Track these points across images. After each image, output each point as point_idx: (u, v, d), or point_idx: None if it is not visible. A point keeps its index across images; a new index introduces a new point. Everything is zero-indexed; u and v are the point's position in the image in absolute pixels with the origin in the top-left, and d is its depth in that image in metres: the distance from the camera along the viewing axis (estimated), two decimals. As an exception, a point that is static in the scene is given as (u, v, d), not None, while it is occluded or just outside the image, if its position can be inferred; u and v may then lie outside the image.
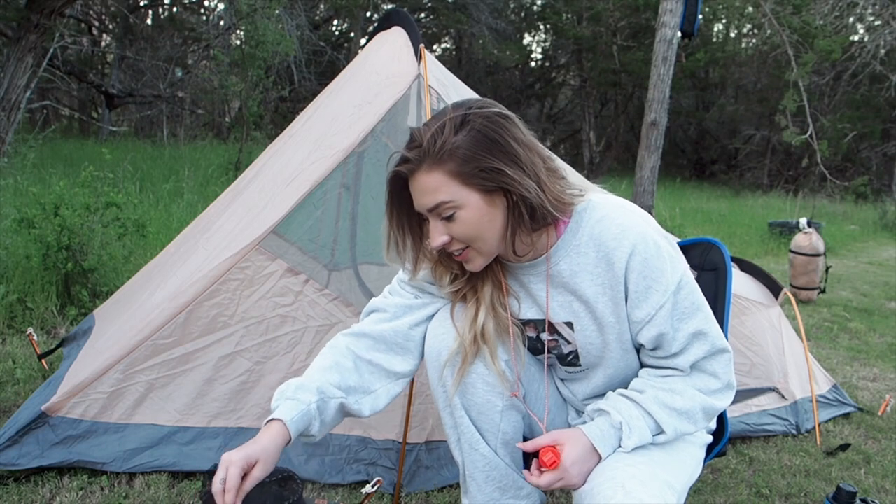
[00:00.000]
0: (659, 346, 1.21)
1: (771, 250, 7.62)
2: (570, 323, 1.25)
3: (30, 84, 6.02)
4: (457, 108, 1.12)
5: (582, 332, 1.24)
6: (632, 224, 1.16)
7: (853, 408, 2.82)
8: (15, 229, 3.38)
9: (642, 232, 1.16)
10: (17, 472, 1.81)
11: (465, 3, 16.27)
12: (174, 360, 1.95)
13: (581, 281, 1.20)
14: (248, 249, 2.00)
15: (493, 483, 1.33)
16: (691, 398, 1.19)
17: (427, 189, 1.11)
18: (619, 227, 1.16)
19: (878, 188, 15.39)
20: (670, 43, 6.75)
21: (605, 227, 1.17)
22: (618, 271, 1.16)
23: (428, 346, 1.31)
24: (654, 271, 1.15)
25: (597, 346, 1.25)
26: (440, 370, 1.29)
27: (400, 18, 2.48)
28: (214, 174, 7.68)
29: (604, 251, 1.17)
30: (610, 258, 1.16)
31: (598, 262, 1.18)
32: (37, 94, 10.37)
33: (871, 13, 13.01)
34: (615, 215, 1.17)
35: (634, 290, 1.17)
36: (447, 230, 1.14)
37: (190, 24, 14.34)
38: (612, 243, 1.16)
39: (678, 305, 1.17)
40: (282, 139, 2.76)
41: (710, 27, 19.53)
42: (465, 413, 1.30)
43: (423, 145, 1.10)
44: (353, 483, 1.92)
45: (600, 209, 1.18)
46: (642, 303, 1.17)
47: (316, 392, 1.21)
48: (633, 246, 1.14)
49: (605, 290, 1.19)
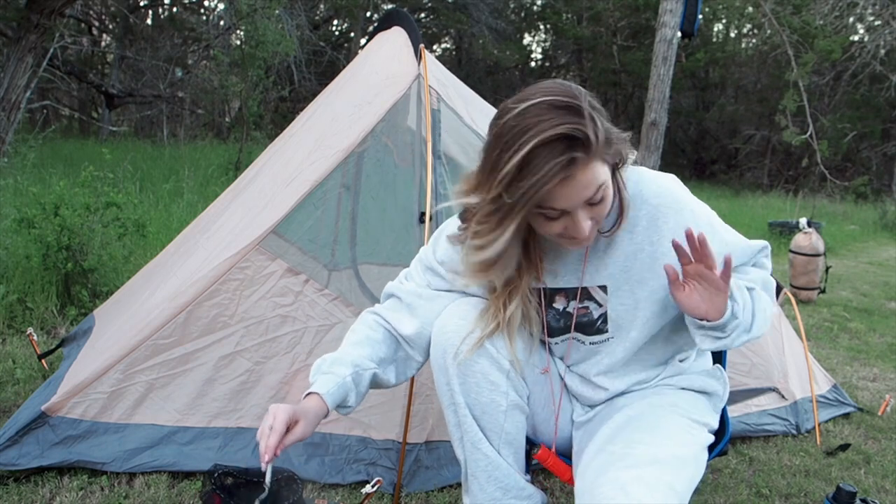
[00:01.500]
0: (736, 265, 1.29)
1: (771, 250, 7.62)
2: (604, 286, 1.27)
3: (30, 84, 6.03)
4: (575, 96, 1.05)
5: (615, 294, 1.26)
6: (666, 182, 1.24)
7: (853, 408, 2.82)
8: (15, 229, 3.38)
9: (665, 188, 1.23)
10: (17, 472, 1.81)
11: (465, 3, 16.27)
12: (174, 360, 1.95)
13: (620, 240, 1.23)
14: (248, 249, 2.00)
15: (495, 483, 1.33)
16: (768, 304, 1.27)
17: (591, 181, 1.06)
18: (657, 185, 1.23)
19: (878, 188, 15.40)
20: (670, 43, 6.75)
21: (644, 187, 1.22)
22: (664, 230, 1.21)
23: (434, 342, 1.30)
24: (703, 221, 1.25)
25: (628, 306, 1.27)
26: (444, 368, 1.28)
27: (400, 18, 2.48)
28: (214, 174, 7.68)
29: (646, 209, 1.22)
30: (653, 214, 1.22)
31: (639, 219, 1.22)
32: (37, 94, 10.37)
33: (871, 13, 13.01)
34: (649, 177, 1.23)
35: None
36: (592, 215, 1.11)
37: (190, 24, 14.35)
38: (654, 200, 1.22)
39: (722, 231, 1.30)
40: (282, 139, 2.76)
41: (710, 27, 19.54)
42: (468, 412, 1.29)
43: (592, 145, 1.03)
44: (353, 483, 1.92)
45: (634, 173, 1.23)
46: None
47: (350, 365, 1.26)
48: (670, 195, 1.23)
49: (644, 245, 1.22)
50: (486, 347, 1.26)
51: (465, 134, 2.26)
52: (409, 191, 2.15)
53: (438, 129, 2.15)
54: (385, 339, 1.34)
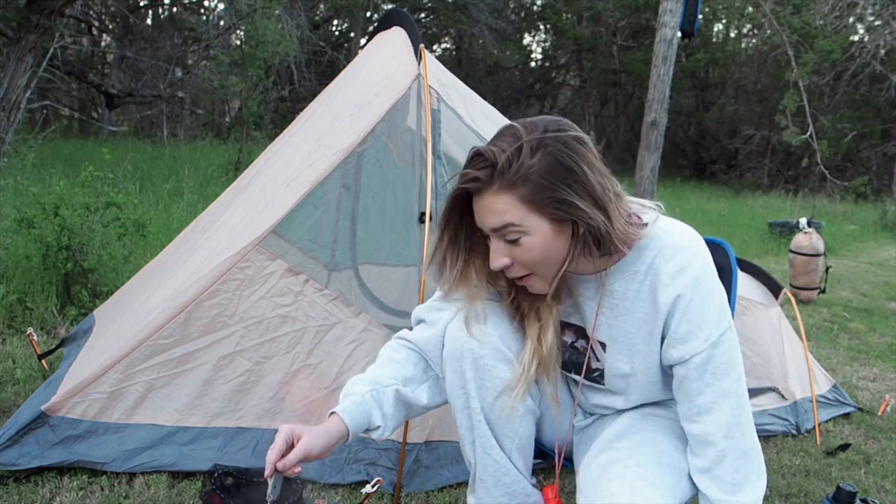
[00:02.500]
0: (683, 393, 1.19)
1: (771, 250, 7.62)
2: (604, 344, 1.25)
3: (30, 84, 6.03)
4: (532, 130, 1.09)
5: (612, 356, 1.25)
6: (689, 263, 1.14)
7: (853, 408, 2.82)
8: (15, 229, 3.38)
9: (697, 276, 1.14)
10: (17, 472, 1.81)
11: (465, 3, 16.27)
12: (174, 360, 1.95)
13: (629, 307, 1.20)
14: (248, 249, 2.00)
15: (503, 488, 1.33)
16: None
17: (495, 210, 1.10)
18: (677, 265, 1.14)
19: (878, 188, 15.39)
20: (670, 43, 6.75)
21: (663, 261, 1.15)
22: (661, 307, 1.15)
23: (449, 346, 1.29)
24: (699, 318, 1.14)
25: (624, 372, 1.25)
26: (461, 372, 1.27)
27: (400, 18, 2.48)
28: (214, 174, 7.68)
29: (655, 285, 1.16)
30: (656, 293, 1.16)
31: (649, 292, 1.17)
32: (37, 94, 10.36)
33: (871, 13, 13.01)
34: (677, 251, 1.15)
35: (674, 330, 1.16)
36: (510, 253, 1.13)
37: (190, 24, 14.34)
38: (665, 279, 1.14)
39: (713, 360, 1.14)
40: (282, 139, 2.76)
41: (710, 27, 19.53)
42: (483, 417, 1.28)
43: (496, 166, 1.07)
44: (353, 483, 1.92)
45: (662, 238, 1.17)
46: (679, 345, 1.16)
47: (369, 384, 1.24)
48: (682, 287, 1.13)
49: (646, 320, 1.19)
50: (505, 352, 1.26)
51: (465, 134, 2.26)
52: (409, 191, 2.15)
53: (438, 129, 2.15)
54: (409, 359, 1.31)
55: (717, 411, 1.15)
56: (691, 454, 1.20)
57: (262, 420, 1.97)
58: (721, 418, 1.15)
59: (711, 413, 1.15)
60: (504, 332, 1.28)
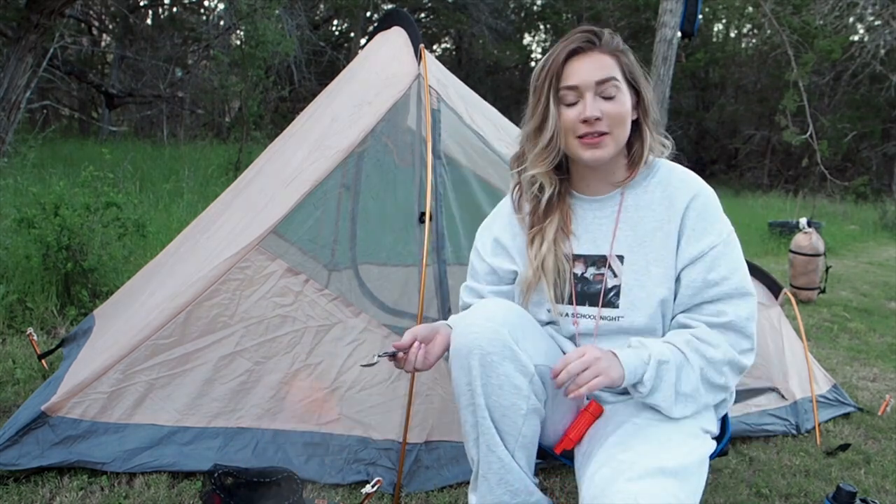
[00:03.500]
0: (702, 288, 1.31)
1: (771, 250, 7.63)
2: (621, 256, 1.37)
3: (30, 84, 6.02)
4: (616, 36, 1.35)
5: (630, 266, 1.36)
6: (696, 177, 1.38)
7: (853, 408, 2.82)
8: (15, 229, 3.38)
9: (704, 184, 1.36)
10: (17, 472, 1.81)
11: (465, 3, 16.27)
12: (174, 360, 1.95)
13: (643, 216, 1.36)
14: (248, 249, 2.00)
15: (505, 486, 1.33)
16: (723, 351, 1.29)
17: (604, 65, 1.31)
18: (685, 173, 1.38)
19: (878, 188, 15.40)
20: (670, 43, 6.75)
21: (672, 174, 1.38)
22: (678, 207, 1.33)
23: (457, 342, 1.30)
24: (711, 215, 1.33)
25: (640, 281, 1.35)
26: (468, 368, 1.28)
27: (400, 18, 2.48)
28: (214, 174, 7.68)
29: (669, 191, 1.35)
30: (672, 196, 1.34)
31: (662, 200, 1.35)
32: (37, 94, 10.36)
33: (871, 13, 13.00)
34: (682, 169, 1.40)
35: (692, 227, 1.32)
36: (602, 108, 1.31)
37: (190, 24, 14.33)
38: (678, 184, 1.36)
39: (727, 253, 1.31)
40: (282, 139, 2.76)
41: (710, 27, 19.54)
42: (488, 414, 1.29)
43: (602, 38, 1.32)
44: (353, 483, 1.92)
45: (669, 162, 1.41)
46: (697, 241, 1.31)
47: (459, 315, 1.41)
48: (696, 190, 1.34)
49: (661, 225, 1.34)
50: (514, 350, 1.27)
51: (465, 134, 2.26)
52: (409, 191, 2.15)
53: (438, 129, 2.15)
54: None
55: (732, 303, 1.30)
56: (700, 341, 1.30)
57: (262, 420, 1.97)
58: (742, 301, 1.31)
59: (727, 302, 1.30)
60: (513, 328, 1.29)
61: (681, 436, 1.25)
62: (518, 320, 1.33)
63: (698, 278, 1.31)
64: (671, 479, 1.14)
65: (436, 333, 1.38)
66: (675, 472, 1.15)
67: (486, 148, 2.27)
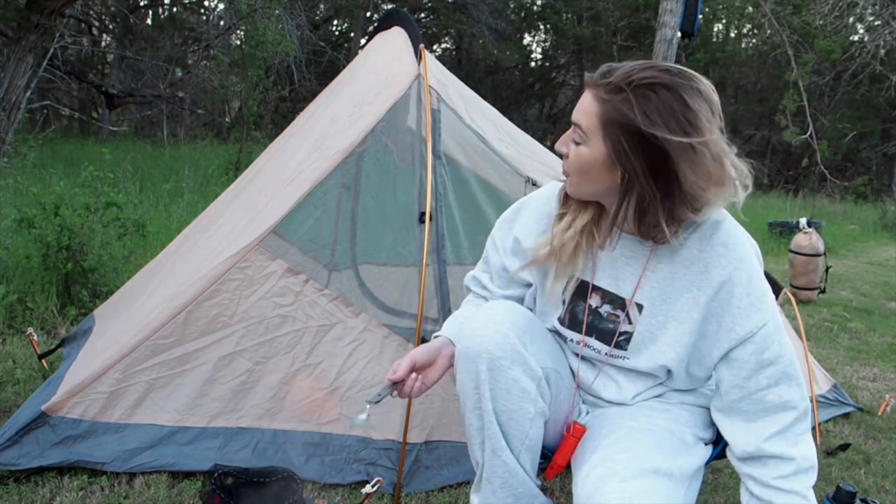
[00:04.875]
0: (749, 368, 1.21)
1: (771, 250, 7.62)
2: (641, 306, 1.27)
3: (30, 84, 6.02)
4: (664, 71, 1.11)
5: (648, 318, 1.27)
6: (743, 242, 1.22)
7: (853, 408, 2.82)
8: (15, 229, 3.38)
9: (749, 252, 1.21)
10: (17, 472, 1.81)
11: (465, 3, 16.25)
12: (174, 360, 1.95)
13: (675, 272, 1.24)
14: (248, 249, 2.00)
15: (509, 490, 1.33)
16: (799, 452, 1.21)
17: (583, 106, 1.17)
18: (730, 237, 1.21)
19: (878, 188, 15.40)
20: (670, 43, 6.74)
21: (717, 234, 1.21)
22: (713, 278, 1.20)
23: (464, 347, 1.29)
24: (758, 290, 1.20)
25: (654, 336, 1.28)
26: (475, 373, 1.27)
27: (400, 18, 2.48)
28: (214, 174, 7.68)
29: (706, 254, 1.21)
30: (708, 262, 1.20)
31: (697, 261, 1.22)
32: (37, 94, 10.35)
33: (871, 13, 13.00)
34: (731, 229, 1.22)
35: (738, 304, 1.19)
36: (568, 148, 1.21)
37: (190, 24, 14.33)
38: (720, 249, 1.20)
39: (778, 330, 1.21)
40: (282, 139, 2.76)
41: (710, 27, 19.53)
42: (494, 419, 1.28)
43: (610, 76, 1.13)
44: (353, 483, 1.92)
45: (720, 216, 1.23)
46: (745, 319, 1.19)
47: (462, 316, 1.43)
48: (737, 262, 1.19)
49: (692, 289, 1.22)
50: (522, 354, 1.26)
51: (465, 134, 2.26)
52: (409, 191, 2.15)
53: (438, 129, 2.15)
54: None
55: (793, 375, 1.20)
56: (757, 426, 1.22)
57: (262, 420, 1.97)
58: (796, 379, 1.21)
59: (789, 378, 1.20)
60: (522, 332, 1.28)
61: (676, 440, 1.26)
62: (526, 323, 1.31)
63: (751, 359, 1.21)
64: (665, 480, 1.14)
65: (437, 357, 1.35)
66: (669, 474, 1.16)
67: (486, 148, 2.27)
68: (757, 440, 1.21)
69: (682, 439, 1.27)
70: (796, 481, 1.19)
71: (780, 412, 1.21)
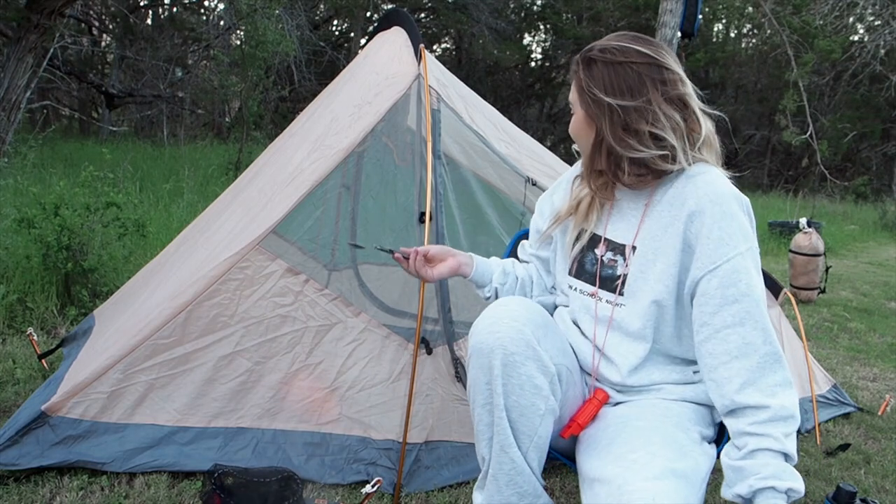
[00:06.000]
0: (710, 309, 1.25)
1: (771, 250, 7.62)
2: (635, 247, 1.36)
3: (30, 84, 6.01)
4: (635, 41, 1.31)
5: (639, 259, 1.35)
6: (721, 186, 1.28)
7: (853, 408, 2.82)
8: (15, 229, 3.38)
9: (725, 195, 1.27)
10: (17, 472, 1.81)
11: (465, 3, 16.26)
12: (174, 360, 1.95)
13: (662, 210, 1.33)
14: (248, 249, 2.00)
15: (515, 488, 1.33)
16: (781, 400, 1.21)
17: (573, 83, 1.37)
18: (714, 186, 1.28)
19: (878, 188, 15.41)
20: (670, 43, 6.74)
21: (700, 175, 1.30)
22: (687, 208, 1.28)
23: (478, 341, 1.30)
24: (731, 227, 1.25)
25: (643, 278, 1.34)
26: (489, 368, 1.27)
27: (400, 18, 2.48)
28: (214, 174, 7.68)
29: (687, 190, 1.30)
30: (685, 196, 1.30)
31: (679, 197, 1.30)
32: (37, 94, 10.37)
33: (871, 13, 13.01)
34: (714, 176, 1.30)
35: (708, 235, 1.26)
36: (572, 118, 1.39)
37: (190, 24, 14.35)
38: (698, 186, 1.29)
39: (744, 269, 1.24)
40: (282, 139, 2.76)
41: (710, 27, 19.53)
42: (505, 414, 1.28)
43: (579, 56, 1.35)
44: (353, 483, 1.92)
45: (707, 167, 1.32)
46: (712, 251, 1.25)
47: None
48: (713, 196, 1.26)
49: (673, 221, 1.31)
50: (536, 350, 1.27)
51: (465, 134, 2.26)
52: (409, 191, 2.15)
53: (438, 129, 2.15)
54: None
55: (757, 317, 1.23)
56: (723, 377, 1.24)
57: (262, 420, 1.97)
58: (761, 322, 1.23)
59: (754, 321, 1.22)
60: (536, 328, 1.29)
61: (686, 440, 1.26)
62: (541, 319, 1.32)
63: (716, 294, 1.24)
64: (683, 481, 1.15)
65: (448, 255, 1.56)
66: (685, 475, 1.16)
67: (486, 148, 2.27)
68: (730, 393, 1.23)
69: (691, 439, 1.27)
70: (770, 426, 1.19)
71: (743, 358, 1.22)
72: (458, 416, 2.04)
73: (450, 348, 2.10)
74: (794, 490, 1.16)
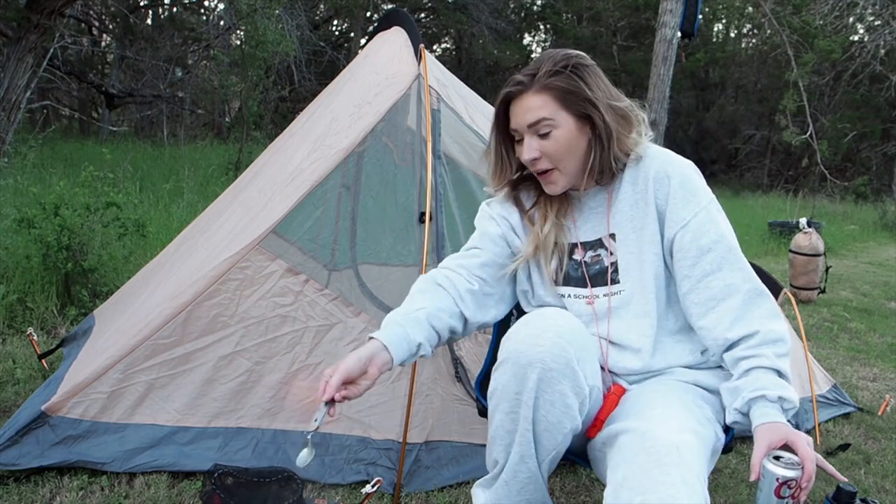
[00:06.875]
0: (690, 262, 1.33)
1: (771, 250, 7.63)
2: (613, 234, 1.41)
3: (30, 84, 6.01)
4: (564, 53, 1.35)
5: (622, 242, 1.39)
6: (669, 154, 1.40)
7: (853, 408, 2.82)
8: (15, 229, 3.38)
9: (678, 159, 1.39)
10: (17, 472, 1.81)
11: (465, 3, 16.27)
12: (174, 360, 1.95)
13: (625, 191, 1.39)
14: (248, 249, 2.00)
15: (525, 495, 1.34)
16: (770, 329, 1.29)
17: (532, 107, 1.32)
18: (666, 156, 1.39)
19: (878, 188, 15.41)
20: (670, 43, 6.75)
21: (660, 154, 1.39)
22: (650, 176, 1.36)
23: (517, 349, 1.26)
24: (692, 185, 1.36)
25: (635, 255, 1.38)
26: (523, 379, 1.25)
27: (400, 18, 2.48)
28: (214, 174, 7.68)
29: (646, 165, 1.38)
30: (648, 171, 1.37)
31: (640, 173, 1.38)
32: (37, 94, 10.37)
33: (871, 13, 13.01)
34: (668, 152, 1.41)
35: (675, 195, 1.34)
36: (540, 147, 1.34)
37: (190, 24, 14.34)
38: (654, 157, 1.38)
39: (713, 220, 1.33)
40: (282, 139, 2.76)
41: (710, 27, 19.54)
42: (531, 427, 1.27)
43: (536, 74, 1.32)
44: (353, 483, 1.92)
45: (655, 147, 1.42)
46: (681, 208, 1.34)
47: (402, 315, 1.36)
48: (670, 165, 1.37)
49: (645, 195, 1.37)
50: (575, 370, 1.25)
51: (465, 134, 2.26)
52: (409, 191, 2.15)
53: (438, 129, 2.15)
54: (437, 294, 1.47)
55: (732, 260, 1.32)
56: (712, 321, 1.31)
57: (262, 420, 1.97)
58: (738, 264, 1.32)
59: (731, 264, 1.32)
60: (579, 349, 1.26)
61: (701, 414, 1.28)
62: (583, 340, 1.30)
63: (692, 247, 1.33)
64: (701, 443, 1.18)
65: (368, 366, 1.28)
66: (704, 439, 1.20)
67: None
68: (722, 333, 1.30)
69: (706, 416, 1.29)
70: (761, 348, 1.27)
71: (728, 298, 1.30)
72: (457, 416, 2.04)
73: (450, 348, 2.10)
74: (784, 399, 1.23)
